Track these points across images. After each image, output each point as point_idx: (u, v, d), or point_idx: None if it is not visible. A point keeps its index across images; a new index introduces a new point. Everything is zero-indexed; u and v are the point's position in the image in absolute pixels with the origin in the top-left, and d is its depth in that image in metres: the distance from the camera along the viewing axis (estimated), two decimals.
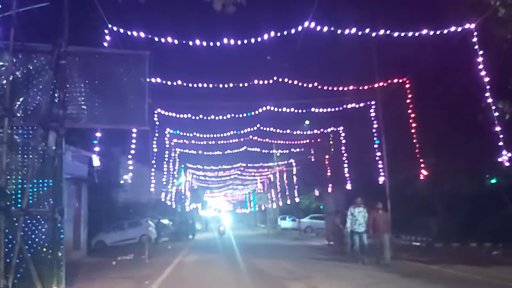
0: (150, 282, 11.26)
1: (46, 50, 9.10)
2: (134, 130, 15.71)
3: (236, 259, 16.70)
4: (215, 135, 23.48)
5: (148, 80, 10.06)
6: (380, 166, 18.17)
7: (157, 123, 19.43)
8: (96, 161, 14.27)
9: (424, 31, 12.34)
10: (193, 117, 19.27)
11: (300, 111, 19.43)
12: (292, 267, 13.98)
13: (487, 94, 12.32)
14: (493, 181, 19.11)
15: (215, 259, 17.21)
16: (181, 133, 23.44)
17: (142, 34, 11.72)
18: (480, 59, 12.19)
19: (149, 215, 23.13)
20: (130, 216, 28.51)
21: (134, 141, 16.34)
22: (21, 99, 8.99)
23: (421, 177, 16.81)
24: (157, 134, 19.86)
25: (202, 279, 11.91)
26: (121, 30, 11.49)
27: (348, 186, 22.90)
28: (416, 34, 12.35)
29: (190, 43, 11.85)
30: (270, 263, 15.01)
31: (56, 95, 9.00)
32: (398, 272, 11.99)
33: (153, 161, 20.41)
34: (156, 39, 11.77)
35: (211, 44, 11.92)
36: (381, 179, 18.19)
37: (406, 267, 13.15)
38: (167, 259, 16.85)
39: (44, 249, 8.57)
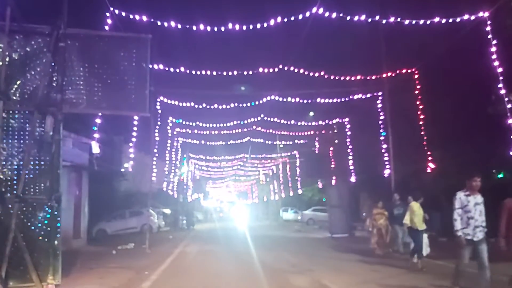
0: (150, 273, 11.04)
1: (44, 32, 8.81)
2: (136, 117, 15.45)
3: (237, 251, 16.47)
4: (218, 125, 23.16)
5: (150, 66, 9.77)
6: (386, 158, 17.82)
7: (160, 111, 19.11)
8: (95, 148, 13.98)
9: (436, 19, 11.94)
10: (196, 106, 18.95)
11: (305, 101, 19.05)
12: (295, 259, 13.73)
13: (500, 85, 11.92)
14: (500, 176, 18.77)
15: (217, 250, 17.00)
16: (184, 122, 23.13)
17: (144, 18, 11.38)
18: (493, 49, 11.78)
19: (150, 204, 22.94)
20: (131, 205, 28.33)
21: (135, 129, 16.05)
22: (18, 82, 8.71)
23: (428, 170, 16.46)
24: (159, 123, 19.52)
25: (203, 270, 11.67)
26: (123, 13, 11.14)
27: (353, 179, 22.60)
28: (428, 22, 11.94)
29: (194, 27, 11.49)
30: (272, 255, 14.78)
31: (54, 78, 8.74)
32: (403, 266, 11.71)
33: (155, 150, 20.11)
34: (159, 23, 11.43)
35: (215, 29, 11.56)
36: (386, 172, 17.86)
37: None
38: (168, 249, 16.65)
39: (40, 238, 8.33)
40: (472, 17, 11.82)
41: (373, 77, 16.35)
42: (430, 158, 16.27)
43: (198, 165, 41.78)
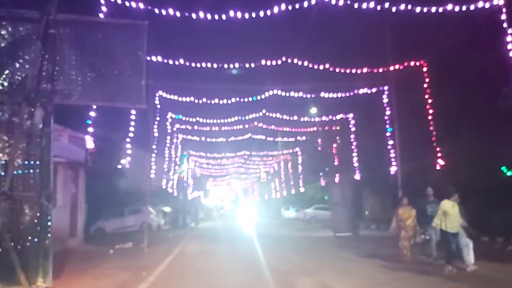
0: (147, 274, 10.53)
1: (34, 17, 8.26)
2: (133, 111, 14.94)
3: (239, 250, 15.98)
4: (218, 121, 22.63)
5: (148, 58, 9.25)
6: (392, 155, 17.26)
7: (158, 106, 18.54)
8: (89, 143, 13.39)
9: (449, 7, 11.37)
10: (196, 101, 18.39)
11: (308, 96, 18.48)
12: (299, 260, 13.21)
13: None
14: (510, 173, 18.24)
15: (218, 249, 16.46)
16: (184, 118, 22.61)
17: (141, 5, 10.83)
18: (509, 38, 11.22)
19: (150, 202, 22.43)
20: (131, 203, 27.84)
21: (133, 123, 15.50)
22: (5, 72, 8.17)
23: (438, 167, 15.90)
24: (158, 118, 18.98)
25: (203, 272, 11.13)
26: (119, 0, 10.59)
27: (357, 176, 22.07)
28: (440, 10, 11.38)
29: (194, 15, 10.94)
30: (276, 255, 14.24)
31: (44, 68, 8.19)
32: (413, 268, 11.18)
33: (154, 147, 19.56)
34: (157, 11, 10.86)
35: (216, 17, 11.01)
36: (392, 169, 17.31)
37: (420, 262, 12.26)
38: (167, 248, 16.14)
39: (29, 238, 7.79)
40: (487, 5, 11.26)
41: (380, 70, 15.76)
42: (439, 155, 15.69)
43: (198, 163, 41.32)
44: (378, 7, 11.24)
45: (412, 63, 15.62)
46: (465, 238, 10.89)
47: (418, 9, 11.31)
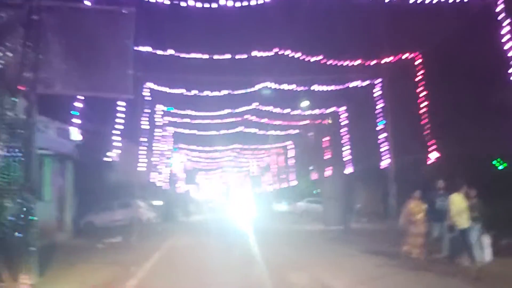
0: (136, 269, 10.27)
1: (16, 3, 7.94)
2: (122, 103, 14.63)
3: (230, 244, 15.74)
4: (210, 113, 22.34)
5: (136, 48, 8.94)
6: (385, 148, 17.12)
7: (149, 98, 18.20)
8: (75, 135, 13.04)
9: None
10: (187, 93, 18.08)
11: (301, 88, 18.24)
12: (293, 254, 13.03)
13: (511, 71, 11.20)
14: (501, 167, 18.22)
15: (208, 243, 16.24)
16: (174, 111, 22.29)
17: None
18: (506, 30, 11.05)
19: (140, 196, 22.09)
20: (122, 196, 27.49)
21: (121, 115, 15.17)
22: None
23: (429, 161, 15.77)
24: (148, 111, 18.65)
25: (193, 266, 10.90)
26: None
27: (350, 169, 21.95)
28: (434, 1, 11.17)
29: (183, 3, 10.62)
30: (269, 250, 14.02)
31: (27, 56, 7.86)
32: (408, 263, 11.02)
33: (145, 139, 19.24)
34: None
35: (207, 6, 10.69)
36: (385, 163, 17.19)
37: (414, 257, 12.04)
38: (156, 243, 15.88)
39: (13, 233, 7.52)
40: None
41: (374, 62, 15.55)
42: (432, 148, 15.57)
43: (189, 156, 41.02)
44: None
45: (405, 56, 15.43)
46: (479, 233, 10.16)
47: (411, 0, 11.10)
